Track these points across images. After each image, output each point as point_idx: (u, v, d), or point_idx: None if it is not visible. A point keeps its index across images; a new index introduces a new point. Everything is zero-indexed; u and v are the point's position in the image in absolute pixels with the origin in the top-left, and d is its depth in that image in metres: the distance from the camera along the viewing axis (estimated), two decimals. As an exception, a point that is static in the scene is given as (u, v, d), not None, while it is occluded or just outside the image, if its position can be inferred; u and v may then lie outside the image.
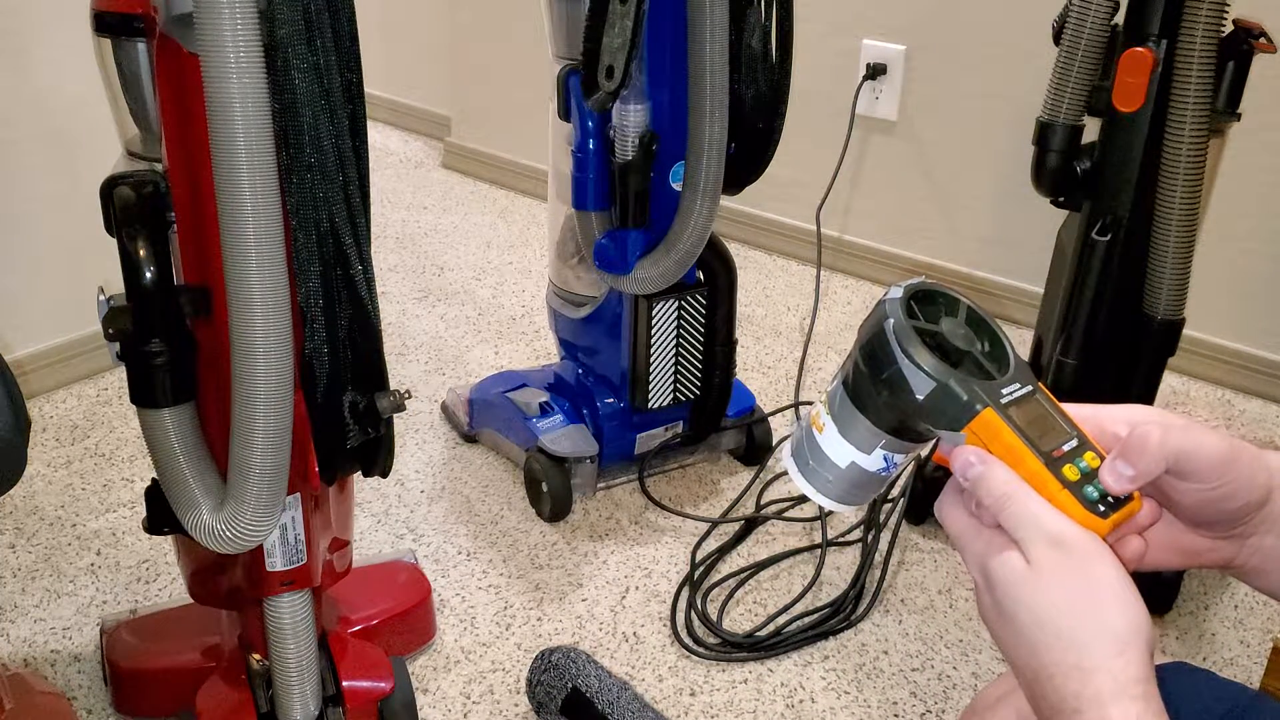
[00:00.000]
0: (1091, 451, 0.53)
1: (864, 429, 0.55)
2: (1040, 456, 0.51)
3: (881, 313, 0.53)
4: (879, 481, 0.58)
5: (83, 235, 1.41)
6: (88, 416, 1.82)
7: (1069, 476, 0.51)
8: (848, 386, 0.55)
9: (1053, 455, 0.51)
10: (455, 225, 2.67)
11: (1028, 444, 0.51)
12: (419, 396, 1.91)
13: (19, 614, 1.41)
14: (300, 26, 0.80)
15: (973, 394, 0.52)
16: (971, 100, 2.15)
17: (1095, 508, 0.51)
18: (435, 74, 3.05)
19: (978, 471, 0.53)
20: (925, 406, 0.52)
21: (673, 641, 1.40)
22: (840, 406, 0.56)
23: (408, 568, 1.43)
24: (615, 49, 1.28)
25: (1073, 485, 0.51)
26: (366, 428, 0.95)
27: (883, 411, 0.54)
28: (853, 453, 0.56)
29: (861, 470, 0.57)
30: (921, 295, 0.55)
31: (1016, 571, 0.51)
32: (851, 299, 2.33)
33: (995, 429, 0.52)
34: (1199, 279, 1.36)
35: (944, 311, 0.55)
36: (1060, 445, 0.52)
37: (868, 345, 0.54)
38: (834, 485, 0.58)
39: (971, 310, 0.56)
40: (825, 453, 0.57)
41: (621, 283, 1.47)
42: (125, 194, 0.88)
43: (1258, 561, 0.59)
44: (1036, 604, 0.50)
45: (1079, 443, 0.53)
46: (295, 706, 1.05)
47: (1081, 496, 0.51)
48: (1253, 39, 1.27)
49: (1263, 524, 0.58)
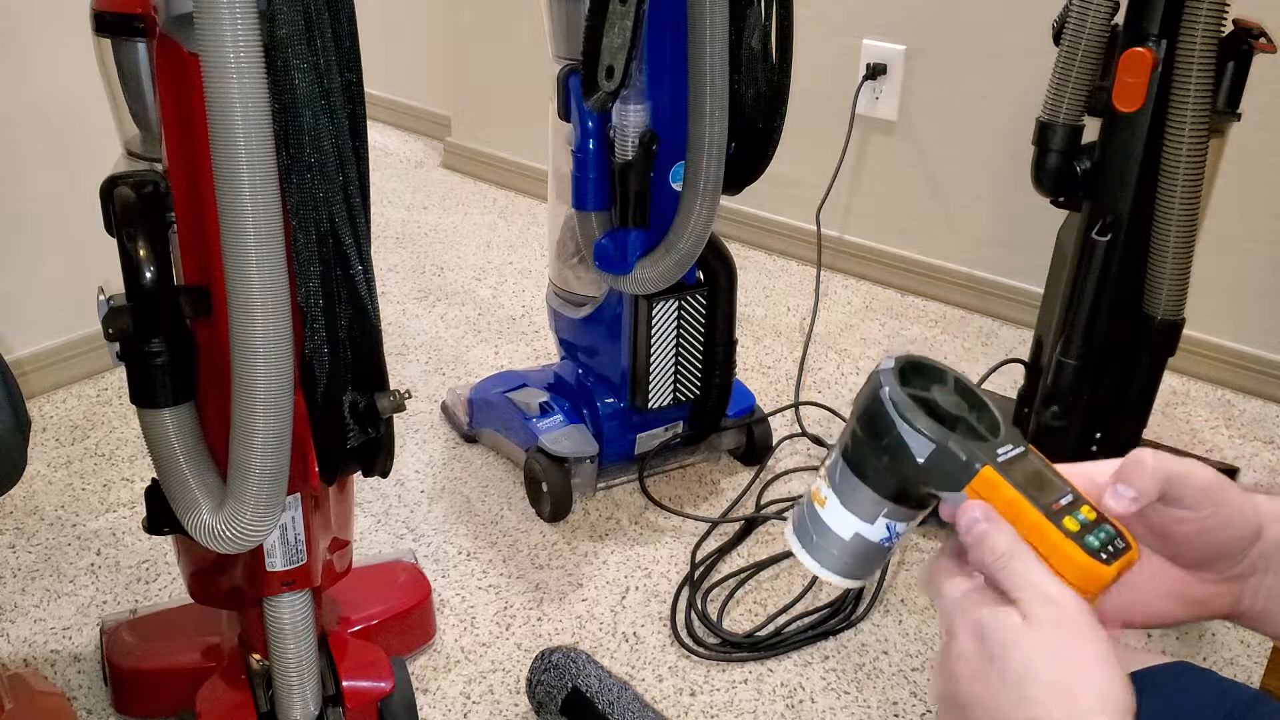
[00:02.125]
0: (1087, 505, 0.54)
1: (866, 498, 0.56)
2: (1041, 509, 0.53)
3: (876, 383, 0.55)
4: (883, 553, 0.59)
5: (83, 235, 1.42)
6: (88, 416, 1.82)
7: (1070, 528, 0.53)
8: (847, 457, 0.57)
9: (1052, 508, 0.53)
10: (455, 225, 2.67)
11: (1028, 498, 0.53)
12: (419, 396, 1.91)
13: (19, 614, 1.41)
14: (300, 26, 0.80)
15: (971, 453, 0.54)
16: (971, 100, 2.15)
17: (1098, 555, 0.52)
18: (435, 74, 3.05)
19: (982, 529, 0.53)
20: (926, 469, 0.54)
21: (673, 641, 1.40)
22: (841, 478, 0.57)
23: (408, 568, 1.43)
24: (615, 49, 1.28)
25: (1074, 535, 0.52)
26: (366, 428, 0.95)
27: (884, 478, 0.56)
28: (856, 523, 0.58)
29: (865, 541, 0.58)
30: (911, 367, 0.57)
31: (1015, 626, 0.51)
32: (851, 299, 2.33)
33: (995, 485, 0.53)
34: (1199, 279, 1.36)
35: (933, 381, 0.57)
36: (1058, 499, 0.54)
37: (865, 414, 0.55)
38: (839, 559, 0.59)
39: (959, 380, 0.58)
40: (828, 526, 0.58)
41: (621, 283, 1.47)
42: (125, 194, 0.88)
43: (1262, 604, 0.59)
44: (1033, 656, 0.50)
45: (1074, 498, 0.54)
46: (295, 706, 1.05)
47: (1084, 545, 0.52)
48: (1253, 39, 1.27)
49: (1261, 560, 0.58)
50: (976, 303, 2.27)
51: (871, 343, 2.15)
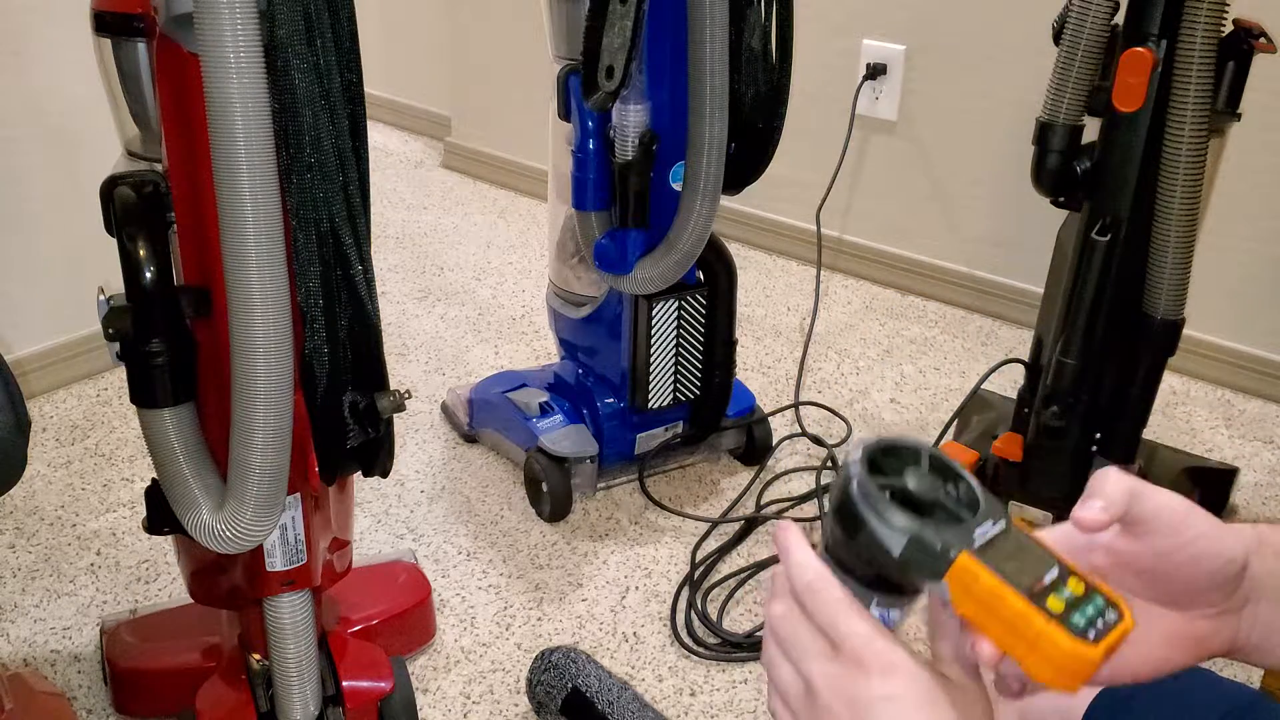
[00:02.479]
0: (1074, 577, 0.53)
1: (853, 589, 0.56)
2: (1023, 593, 0.51)
3: (846, 475, 0.54)
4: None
5: (83, 235, 1.42)
6: (88, 416, 1.82)
7: (1054, 608, 0.51)
8: (830, 552, 0.56)
9: (1035, 589, 0.52)
10: (455, 225, 2.67)
11: (1009, 583, 0.52)
12: (419, 396, 1.91)
13: (19, 614, 1.41)
14: (300, 26, 0.80)
15: (946, 542, 0.52)
16: (971, 100, 2.15)
17: (1084, 635, 0.51)
18: (435, 74, 3.05)
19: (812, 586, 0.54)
20: (903, 562, 0.53)
21: (673, 641, 1.40)
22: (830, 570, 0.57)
23: (408, 568, 1.43)
24: (615, 49, 1.28)
25: (1059, 616, 0.51)
26: (366, 428, 0.95)
27: (867, 571, 0.55)
28: None
29: None
30: (882, 452, 0.55)
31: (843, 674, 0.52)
32: (851, 299, 2.33)
33: (974, 573, 0.52)
34: (1199, 279, 1.36)
35: (907, 463, 0.55)
36: (1041, 577, 0.52)
37: (839, 510, 0.54)
38: None
39: (934, 457, 0.56)
40: None
41: (621, 283, 1.47)
42: (125, 194, 0.88)
43: (1260, 636, 0.59)
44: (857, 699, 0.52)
45: (1060, 571, 0.53)
46: (295, 706, 1.05)
47: (1069, 626, 0.51)
48: (1253, 39, 1.27)
49: (1253, 590, 0.58)
50: (976, 303, 2.27)
51: (871, 343, 2.15)
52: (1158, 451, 1.67)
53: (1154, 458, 1.65)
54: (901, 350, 2.12)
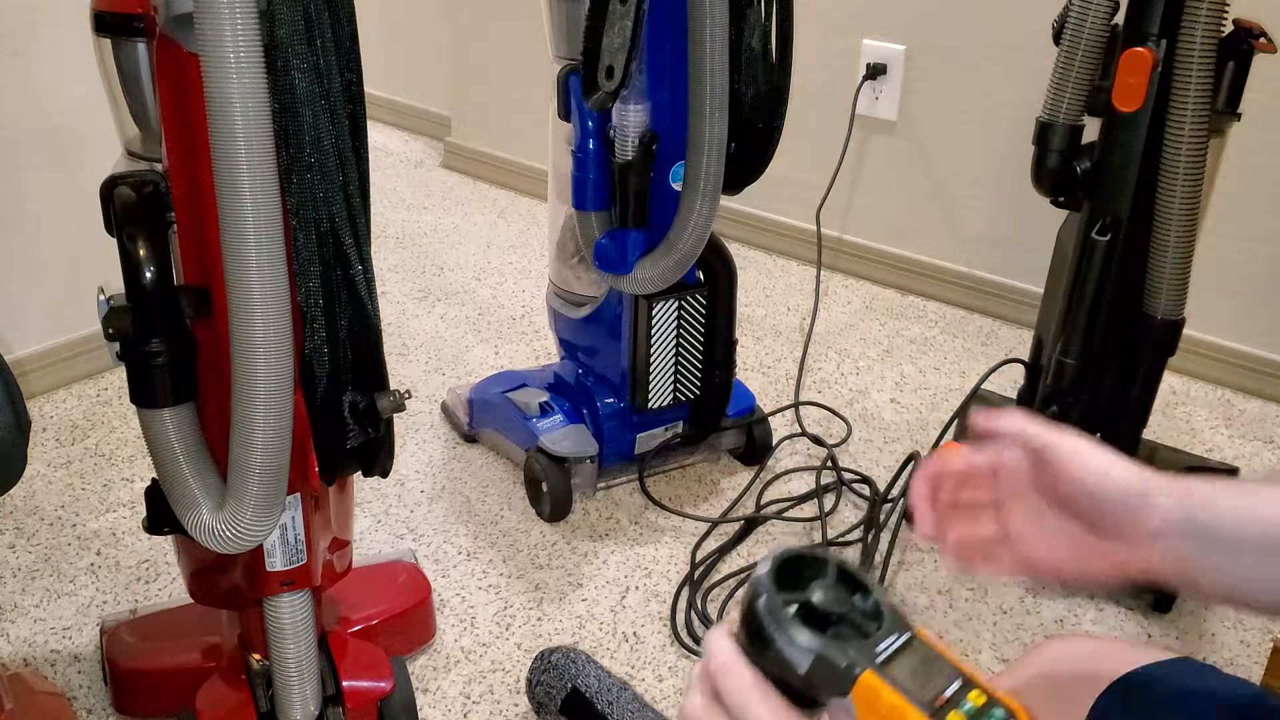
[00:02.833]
0: (975, 690, 0.53)
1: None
2: (924, 710, 0.52)
3: (754, 591, 0.54)
4: None
5: (83, 235, 1.42)
6: (88, 416, 1.82)
7: None
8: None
9: (936, 705, 0.52)
10: (455, 225, 2.67)
11: (910, 700, 0.52)
12: (419, 396, 1.91)
13: (19, 614, 1.41)
14: (300, 26, 0.80)
15: (850, 659, 0.52)
16: (971, 100, 2.15)
17: None
18: (435, 74, 3.05)
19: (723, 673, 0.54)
20: (809, 679, 0.53)
21: (673, 641, 1.40)
22: None
23: (408, 568, 1.43)
24: (615, 49, 1.28)
25: None
26: (366, 428, 0.95)
27: (778, 683, 0.55)
28: None
29: None
30: (789, 563, 0.56)
31: None
32: (851, 299, 2.33)
33: (876, 690, 0.52)
34: (1199, 279, 1.36)
35: (814, 574, 0.56)
36: (942, 692, 0.52)
37: (747, 626, 0.55)
38: None
39: (840, 567, 0.56)
40: None
41: (621, 283, 1.47)
42: (125, 194, 0.88)
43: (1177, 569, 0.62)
44: None
45: (962, 683, 0.53)
46: (295, 706, 1.05)
47: None
48: (1253, 39, 1.27)
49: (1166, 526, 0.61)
50: (976, 303, 2.27)
51: (871, 343, 2.15)
52: (1158, 451, 1.67)
53: (1154, 457, 1.65)
54: (901, 350, 2.12)
